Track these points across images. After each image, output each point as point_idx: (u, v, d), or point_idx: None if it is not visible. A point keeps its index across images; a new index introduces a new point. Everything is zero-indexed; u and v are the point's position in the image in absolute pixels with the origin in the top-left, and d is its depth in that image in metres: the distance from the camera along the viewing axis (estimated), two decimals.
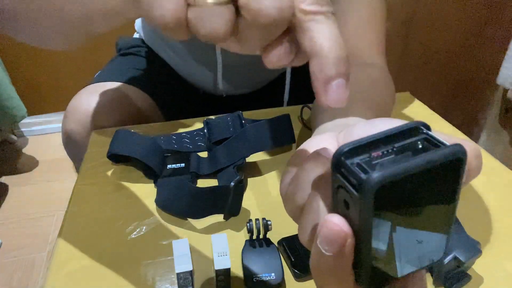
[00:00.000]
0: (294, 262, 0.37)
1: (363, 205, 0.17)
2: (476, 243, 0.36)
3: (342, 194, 0.18)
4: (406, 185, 0.17)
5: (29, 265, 1.19)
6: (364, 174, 0.17)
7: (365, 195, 0.17)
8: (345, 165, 0.18)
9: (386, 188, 0.17)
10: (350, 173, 0.17)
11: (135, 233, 0.41)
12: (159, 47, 0.76)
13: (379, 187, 0.16)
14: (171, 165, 0.48)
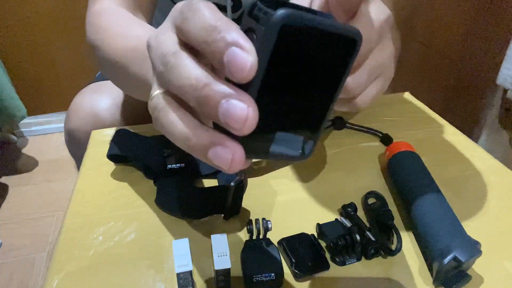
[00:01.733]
0: (294, 262, 0.37)
1: (265, 39, 0.17)
2: (476, 243, 0.36)
3: (250, 36, 0.18)
4: (305, 38, 0.19)
5: (29, 265, 1.19)
6: (273, 10, 0.17)
7: (270, 28, 0.17)
8: (259, 6, 0.18)
9: (288, 30, 0.18)
10: (261, 11, 0.18)
11: (135, 233, 0.41)
12: None
13: (282, 24, 0.17)
14: (171, 165, 0.48)
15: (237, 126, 0.18)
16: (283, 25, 0.17)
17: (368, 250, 0.38)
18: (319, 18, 0.19)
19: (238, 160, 0.19)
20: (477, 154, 0.54)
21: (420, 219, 0.40)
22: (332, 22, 0.19)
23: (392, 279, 0.37)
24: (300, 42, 0.19)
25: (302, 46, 0.19)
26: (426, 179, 0.44)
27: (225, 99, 0.18)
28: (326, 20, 0.19)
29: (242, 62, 0.17)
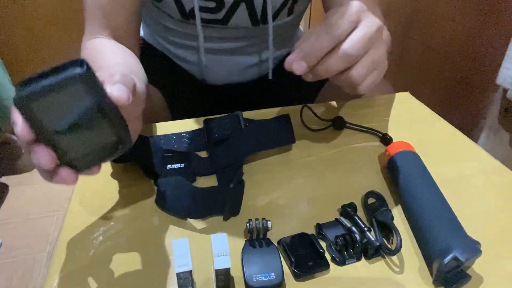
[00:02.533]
0: (294, 262, 0.37)
1: (24, 116, 0.27)
2: (476, 243, 0.36)
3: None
4: (45, 96, 0.27)
5: (29, 265, 1.19)
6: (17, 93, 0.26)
7: (18, 108, 0.27)
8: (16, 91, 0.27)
9: (28, 101, 0.26)
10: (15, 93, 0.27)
11: (135, 233, 0.41)
12: (159, 44, 0.77)
13: (21, 102, 0.26)
14: (171, 165, 0.48)
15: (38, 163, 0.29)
16: (17, 102, 0.26)
17: (368, 250, 0.38)
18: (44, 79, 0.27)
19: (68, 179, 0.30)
20: (477, 154, 0.54)
21: (420, 219, 0.40)
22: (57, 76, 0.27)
23: (392, 279, 0.37)
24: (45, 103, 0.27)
25: (50, 102, 0.27)
26: (426, 179, 0.44)
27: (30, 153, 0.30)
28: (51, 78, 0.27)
29: (17, 131, 0.28)
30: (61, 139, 0.29)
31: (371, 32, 0.37)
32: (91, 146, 0.31)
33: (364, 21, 0.37)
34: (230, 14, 0.63)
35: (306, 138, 0.56)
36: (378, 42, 0.38)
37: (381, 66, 0.40)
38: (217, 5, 0.61)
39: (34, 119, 0.27)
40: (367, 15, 0.38)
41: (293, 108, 0.61)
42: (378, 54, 0.38)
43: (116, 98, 0.32)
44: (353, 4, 0.38)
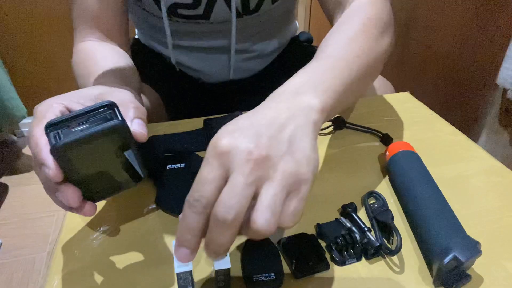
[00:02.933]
0: (294, 262, 0.37)
1: (55, 158, 0.29)
2: (476, 243, 0.36)
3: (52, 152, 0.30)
4: (83, 145, 0.29)
5: (29, 265, 1.19)
6: (54, 141, 0.29)
7: (53, 154, 0.29)
8: (48, 135, 0.30)
9: (66, 149, 0.29)
10: (49, 141, 0.29)
11: (135, 233, 0.41)
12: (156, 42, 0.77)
13: (59, 150, 0.28)
14: (171, 165, 0.48)
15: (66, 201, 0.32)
16: (56, 150, 0.29)
17: (368, 250, 0.38)
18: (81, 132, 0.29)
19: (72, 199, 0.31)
20: (477, 154, 0.54)
21: (420, 219, 0.40)
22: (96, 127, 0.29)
23: (392, 279, 0.37)
24: (79, 151, 0.29)
25: (83, 151, 0.30)
26: (426, 179, 0.44)
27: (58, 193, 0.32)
28: (89, 129, 0.29)
29: (47, 173, 0.29)
30: (88, 179, 0.32)
31: (245, 175, 0.26)
32: (112, 182, 0.34)
33: (234, 164, 0.26)
34: (210, 8, 0.62)
35: None
36: (265, 170, 0.26)
37: (294, 188, 0.27)
38: (194, 1, 0.61)
39: (67, 163, 0.30)
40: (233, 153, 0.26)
41: None
42: (276, 184, 0.26)
43: (138, 135, 0.34)
44: (210, 146, 0.27)
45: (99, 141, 0.30)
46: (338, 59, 0.38)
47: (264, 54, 0.77)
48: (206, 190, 0.26)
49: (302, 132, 0.29)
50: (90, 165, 0.31)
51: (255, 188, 0.26)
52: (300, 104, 0.31)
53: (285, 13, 0.76)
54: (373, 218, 0.41)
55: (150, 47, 0.78)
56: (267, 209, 0.26)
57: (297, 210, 0.27)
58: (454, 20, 1.19)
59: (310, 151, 0.28)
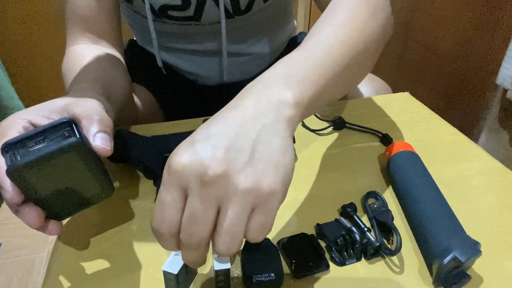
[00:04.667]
0: (294, 262, 0.37)
1: (15, 182, 0.29)
2: (476, 243, 0.36)
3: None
4: (40, 165, 0.28)
5: (29, 265, 1.19)
6: (10, 162, 0.28)
7: (9, 176, 0.28)
8: (4, 156, 0.29)
9: (22, 170, 0.28)
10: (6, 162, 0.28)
11: (135, 233, 0.41)
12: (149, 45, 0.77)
13: (14, 172, 0.28)
14: None
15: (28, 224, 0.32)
16: (11, 172, 0.28)
17: (367, 250, 0.38)
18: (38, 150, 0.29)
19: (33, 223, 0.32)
20: (477, 154, 0.54)
21: (420, 219, 0.40)
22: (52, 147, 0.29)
23: (392, 279, 0.37)
24: (35, 171, 0.29)
25: (40, 171, 0.29)
26: (426, 179, 0.44)
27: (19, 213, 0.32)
28: (44, 148, 0.29)
29: (6, 197, 0.30)
30: (50, 198, 0.31)
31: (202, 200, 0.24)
32: (77, 198, 0.34)
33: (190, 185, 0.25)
34: (200, 9, 0.62)
35: (306, 138, 0.56)
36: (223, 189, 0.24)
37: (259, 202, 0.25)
38: (183, 2, 0.60)
39: (26, 185, 0.29)
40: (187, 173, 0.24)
41: None
42: (235, 205, 0.24)
43: (101, 151, 0.33)
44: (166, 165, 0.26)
45: (57, 160, 0.29)
46: (319, 47, 0.34)
47: (260, 57, 0.76)
48: (167, 215, 0.25)
49: (270, 133, 0.26)
50: (51, 184, 0.31)
51: (216, 208, 0.25)
52: (270, 99, 0.28)
53: (279, 13, 0.74)
54: (373, 218, 0.41)
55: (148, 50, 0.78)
56: (226, 233, 0.24)
57: (265, 225, 0.25)
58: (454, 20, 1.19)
59: (278, 155, 0.25)
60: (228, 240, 0.25)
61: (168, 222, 0.25)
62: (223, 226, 0.24)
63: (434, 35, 1.29)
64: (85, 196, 0.34)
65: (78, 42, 0.57)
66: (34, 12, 1.58)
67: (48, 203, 0.32)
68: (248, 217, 0.25)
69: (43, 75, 1.71)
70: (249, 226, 0.25)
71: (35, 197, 0.31)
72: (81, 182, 0.33)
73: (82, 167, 0.31)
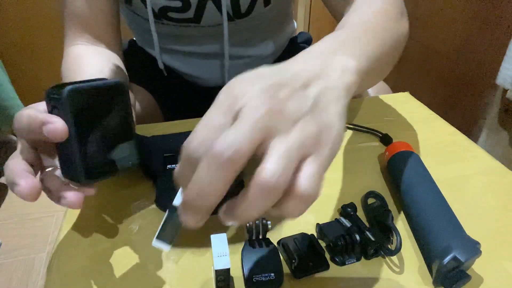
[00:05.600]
0: (294, 262, 0.37)
1: (64, 109, 0.28)
2: (476, 243, 0.36)
3: (55, 111, 0.29)
4: (88, 97, 0.29)
5: (29, 265, 1.19)
6: (60, 91, 0.28)
7: (63, 101, 0.28)
8: (49, 93, 0.29)
9: (74, 94, 0.28)
10: (54, 95, 0.28)
11: (135, 233, 0.41)
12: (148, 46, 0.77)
13: (67, 95, 0.28)
14: (171, 165, 0.48)
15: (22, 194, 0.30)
16: (68, 96, 0.28)
17: (367, 250, 0.38)
18: (88, 83, 0.29)
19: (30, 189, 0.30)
20: (477, 154, 0.54)
21: (420, 219, 0.40)
22: (100, 82, 0.30)
23: (392, 279, 0.37)
24: (85, 101, 0.29)
25: (89, 103, 0.29)
26: (426, 179, 0.44)
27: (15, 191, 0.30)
28: (95, 82, 0.30)
29: (54, 130, 0.28)
30: (87, 143, 0.31)
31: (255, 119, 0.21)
32: (109, 156, 0.33)
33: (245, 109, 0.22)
34: (200, 12, 0.62)
35: None
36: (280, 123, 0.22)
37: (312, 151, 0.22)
38: (183, 5, 0.60)
39: (73, 115, 0.29)
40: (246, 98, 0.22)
41: None
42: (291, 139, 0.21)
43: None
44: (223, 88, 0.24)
45: (104, 96, 0.30)
46: (365, 29, 0.34)
47: (260, 58, 0.76)
48: (210, 138, 0.21)
49: (332, 95, 0.24)
50: (92, 124, 0.30)
51: (263, 137, 0.21)
52: (334, 64, 0.26)
53: (280, 15, 0.74)
54: (373, 218, 0.41)
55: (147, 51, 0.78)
56: (278, 160, 0.20)
57: (315, 175, 0.21)
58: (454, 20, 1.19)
59: (337, 117, 0.23)
60: (280, 167, 0.20)
61: (207, 146, 0.21)
62: (274, 154, 0.21)
63: (434, 35, 1.29)
64: (116, 156, 0.33)
65: (76, 43, 0.57)
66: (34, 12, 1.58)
67: (83, 148, 0.30)
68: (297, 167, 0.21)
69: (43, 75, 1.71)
70: (299, 174, 0.21)
71: (75, 137, 0.29)
72: (117, 136, 0.33)
73: (122, 115, 0.32)
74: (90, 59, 0.54)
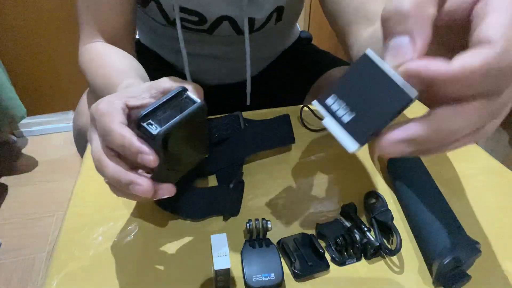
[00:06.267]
0: (294, 262, 0.37)
1: (157, 147, 0.30)
2: (476, 243, 0.36)
3: (147, 141, 0.31)
4: (178, 130, 0.31)
5: (29, 265, 1.19)
6: (154, 130, 0.30)
7: (157, 142, 0.30)
8: (142, 126, 0.31)
9: (167, 136, 0.30)
10: (146, 131, 0.30)
11: (135, 233, 0.41)
12: (157, 47, 0.77)
13: (163, 137, 0.30)
14: None
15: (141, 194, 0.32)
16: (163, 139, 0.30)
17: (367, 250, 0.38)
18: (177, 116, 0.31)
19: (145, 191, 0.31)
20: (477, 154, 0.54)
21: (420, 219, 0.40)
22: (188, 110, 0.32)
23: (392, 279, 0.37)
24: (175, 135, 0.31)
25: (178, 134, 0.32)
26: (426, 179, 0.44)
27: (131, 185, 0.31)
28: (180, 115, 0.31)
29: (148, 160, 0.30)
30: (175, 162, 0.34)
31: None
32: (188, 160, 0.37)
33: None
34: (215, 27, 0.63)
35: (306, 138, 0.56)
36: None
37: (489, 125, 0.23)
38: (200, 20, 0.61)
39: (167, 148, 0.31)
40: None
41: (293, 108, 0.61)
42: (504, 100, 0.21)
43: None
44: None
45: (189, 122, 0.32)
46: None
47: (263, 59, 0.78)
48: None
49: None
50: (179, 147, 0.33)
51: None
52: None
53: (289, 26, 0.77)
54: (373, 218, 0.41)
55: (153, 49, 0.78)
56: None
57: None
58: None
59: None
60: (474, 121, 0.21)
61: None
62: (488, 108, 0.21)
63: None
64: (193, 157, 0.37)
65: (94, 40, 0.57)
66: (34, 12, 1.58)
67: (171, 167, 0.34)
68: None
69: (43, 75, 1.71)
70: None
71: (167, 160, 0.32)
72: (196, 143, 0.36)
73: (201, 127, 0.35)
74: (118, 54, 0.54)
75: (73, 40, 1.64)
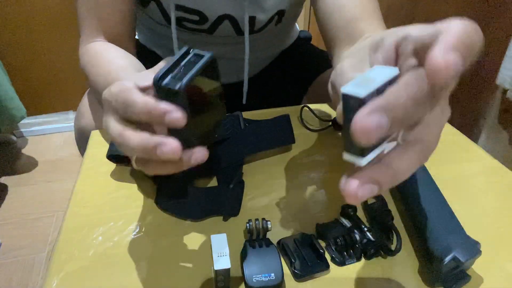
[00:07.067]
0: (294, 262, 0.37)
1: (181, 101, 0.29)
2: (476, 243, 0.36)
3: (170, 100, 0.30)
4: (197, 83, 0.30)
5: (29, 265, 1.19)
6: (176, 84, 0.29)
7: (182, 95, 0.29)
8: (161, 86, 0.29)
9: (190, 87, 0.29)
10: (168, 89, 0.29)
11: (135, 233, 0.41)
12: (156, 48, 0.77)
13: (185, 91, 0.29)
14: None
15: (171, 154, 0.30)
16: (186, 90, 0.29)
17: (368, 250, 0.38)
18: (193, 69, 0.30)
19: (174, 150, 0.29)
20: (477, 154, 0.54)
21: (420, 219, 0.40)
22: (198, 65, 0.30)
23: (392, 279, 0.37)
24: (197, 87, 0.30)
25: (200, 87, 0.31)
26: (426, 179, 0.44)
27: (159, 147, 0.29)
28: (194, 67, 0.30)
29: (176, 118, 0.29)
30: (195, 123, 0.32)
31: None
32: (211, 123, 0.35)
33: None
34: (215, 26, 0.63)
35: (306, 138, 0.56)
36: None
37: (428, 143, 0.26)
38: (201, 19, 0.62)
39: (189, 106, 0.30)
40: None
41: (293, 108, 0.61)
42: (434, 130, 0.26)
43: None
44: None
45: (204, 75, 0.31)
46: None
47: (263, 59, 0.79)
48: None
49: None
50: (201, 105, 0.32)
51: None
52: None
53: (288, 28, 0.77)
54: (373, 218, 0.41)
55: (151, 49, 0.78)
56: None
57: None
58: None
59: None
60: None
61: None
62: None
63: None
64: (213, 118, 0.35)
65: (95, 40, 0.57)
66: (35, 12, 1.58)
67: (196, 127, 0.32)
68: None
69: (43, 75, 1.71)
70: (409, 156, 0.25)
71: (193, 116, 0.31)
72: (214, 101, 0.34)
73: (216, 81, 0.34)
74: (117, 52, 0.54)
75: (73, 40, 1.64)
